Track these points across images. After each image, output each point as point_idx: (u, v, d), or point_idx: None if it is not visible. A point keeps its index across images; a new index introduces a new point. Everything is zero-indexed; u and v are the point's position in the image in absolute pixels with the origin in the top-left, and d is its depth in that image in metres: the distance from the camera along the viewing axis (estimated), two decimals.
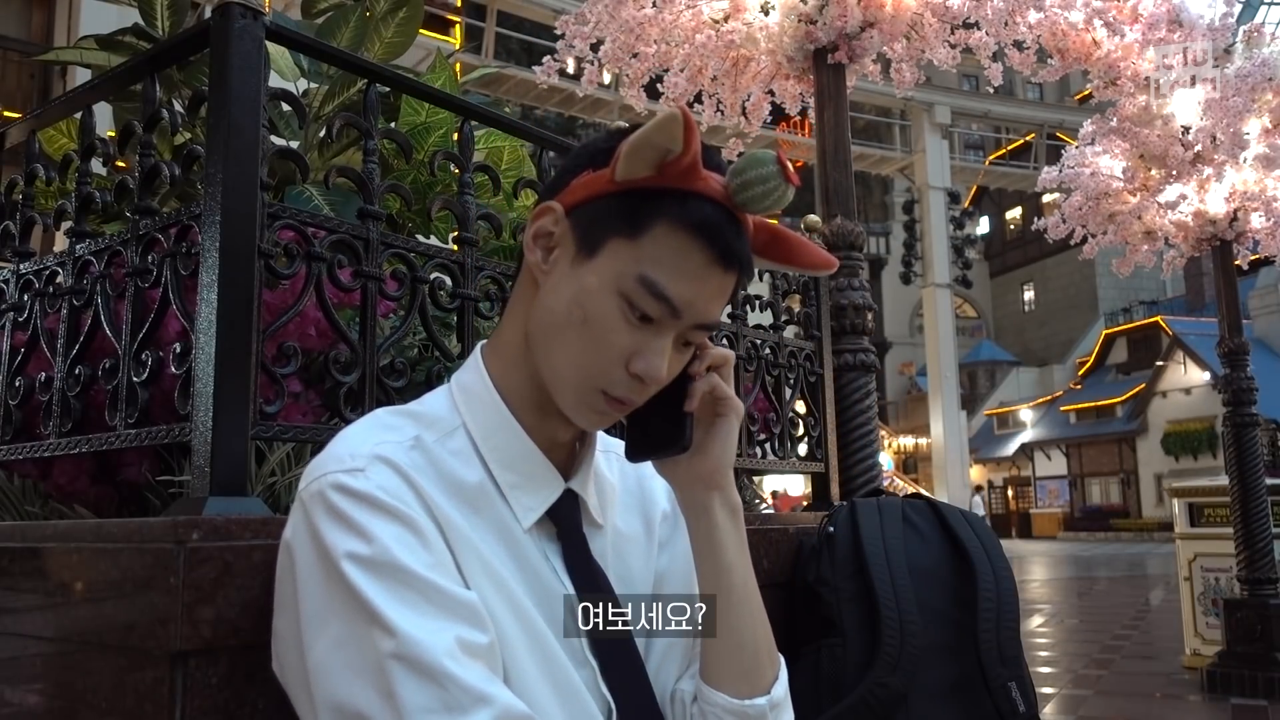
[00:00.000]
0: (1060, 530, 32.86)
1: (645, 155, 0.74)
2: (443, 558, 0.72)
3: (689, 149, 0.73)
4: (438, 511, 0.74)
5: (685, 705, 0.85)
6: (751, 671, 0.84)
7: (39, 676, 1.04)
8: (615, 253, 0.76)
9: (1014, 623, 1.45)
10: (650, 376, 0.77)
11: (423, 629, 0.67)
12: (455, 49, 13.54)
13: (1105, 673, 5.96)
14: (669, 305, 0.76)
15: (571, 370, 0.78)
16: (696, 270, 0.76)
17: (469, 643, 0.69)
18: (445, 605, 0.69)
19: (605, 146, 0.80)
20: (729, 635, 0.84)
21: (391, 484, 0.72)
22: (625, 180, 0.76)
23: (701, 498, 0.86)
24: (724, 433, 0.86)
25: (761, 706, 0.83)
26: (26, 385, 1.31)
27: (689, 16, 3.09)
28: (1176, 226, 5.21)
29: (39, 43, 10.44)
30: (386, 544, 0.69)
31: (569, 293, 0.78)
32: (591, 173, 0.79)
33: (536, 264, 0.81)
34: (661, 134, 0.73)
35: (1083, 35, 3.44)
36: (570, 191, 0.80)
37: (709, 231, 0.76)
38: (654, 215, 0.76)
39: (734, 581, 0.85)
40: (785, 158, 0.77)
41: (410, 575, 0.69)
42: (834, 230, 2.53)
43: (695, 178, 0.75)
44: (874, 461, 2.32)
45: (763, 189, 0.76)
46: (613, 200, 0.77)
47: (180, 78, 1.75)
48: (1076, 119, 15.17)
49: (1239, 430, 5.19)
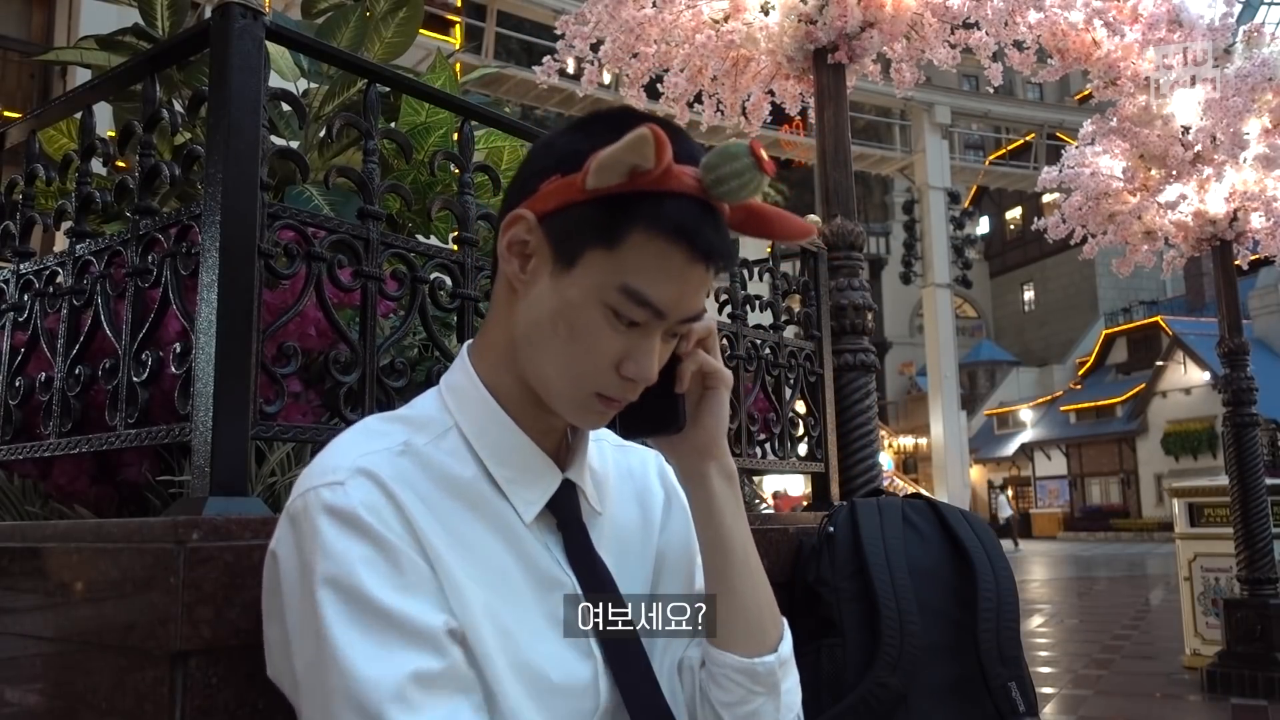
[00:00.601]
0: (1060, 530, 32.84)
1: (617, 169, 0.73)
2: (415, 578, 0.71)
3: (660, 162, 0.72)
4: (420, 523, 0.73)
5: (694, 671, 0.87)
6: (757, 631, 0.86)
7: (39, 676, 1.04)
8: (594, 264, 0.76)
9: (1014, 623, 1.45)
10: (642, 378, 0.78)
11: (373, 665, 0.67)
12: (455, 49, 13.54)
13: (1105, 673, 5.96)
14: (653, 310, 0.76)
15: (563, 379, 0.79)
16: (678, 271, 0.76)
17: (426, 674, 0.68)
18: (405, 633, 0.69)
19: (572, 149, 0.78)
20: (733, 597, 0.86)
21: (371, 499, 0.72)
22: (596, 190, 0.74)
23: (699, 467, 0.88)
24: (716, 404, 0.88)
25: (770, 663, 0.85)
26: (26, 385, 1.31)
27: (689, 16, 3.09)
28: (1176, 226, 5.21)
29: (39, 43, 10.44)
30: (354, 566, 0.69)
31: (551, 306, 0.77)
32: (560, 178, 0.77)
33: (515, 275, 0.80)
34: (632, 153, 0.72)
35: (1083, 35, 3.44)
36: (540, 198, 0.78)
37: (688, 232, 0.75)
38: (630, 222, 0.74)
39: (734, 545, 0.87)
40: (759, 145, 0.76)
41: (372, 602, 0.68)
42: (834, 230, 2.53)
43: (668, 179, 0.74)
44: (874, 461, 2.32)
45: (737, 182, 0.75)
46: (586, 209, 0.75)
47: (180, 78, 1.75)
48: (1076, 119, 15.16)
49: (1239, 430, 5.19)
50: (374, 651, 0.67)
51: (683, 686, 0.87)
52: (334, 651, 0.67)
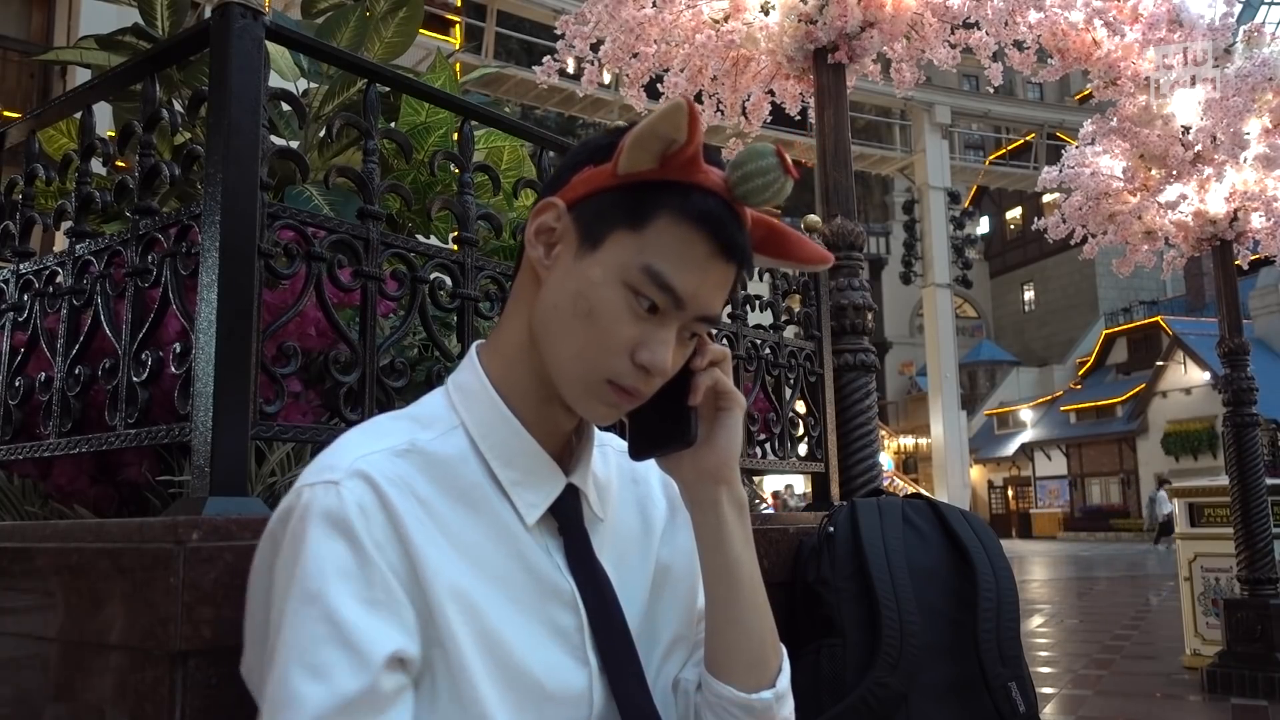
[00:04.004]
0: (1060, 530, 32.84)
1: (650, 145, 0.75)
2: (383, 593, 0.70)
3: (693, 139, 0.74)
4: (412, 530, 0.73)
5: (689, 694, 0.86)
6: (758, 664, 0.85)
7: (39, 676, 1.04)
8: (619, 244, 0.77)
9: (1014, 622, 1.45)
10: (656, 367, 0.77)
11: (312, 680, 0.67)
12: (455, 49, 13.55)
13: (1105, 673, 5.96)
14: (673, 295, 0.77)
15: (578, 362, 0.78)
16: (700, 261, 0.77)
17: (372, 694, 0.67)
18: (355, 651, 0.68)
19: (605, 143, 0.80)
20: (736, 629, 0.85)
21: (363, 502, 0.72)
22: (627, 173, 0.77)
23: (710, 492, 0.86)
24: (729, 427, 0.86)
25: (768, 700, 0.84)
26: (26, 385, 1.31)
27: (689, 16, 3.09)
28: (1176, 226, 5.21)
29: (39, 43, 10.44)
30: (328, 573, 0.69)
31: (574, 286, 0.78)
32: (592, 168, 0.80)
33: (539, 260, 0.81)
34: (667, 123, 0.73)
35: (1083, 35, 3.44)
36: (571, 187, 0.80)
37: (712, 223, 0.77)
38: (657, 207, 0.76)
39: (742, 575, 0.86)
40: (785, 151, 0.78)
41: (333, 613, 0.68)
42: (834, 230, 2.53)
43: (696, 170, 0.76)
44: (874, 461, 2.32)
45: (762, 181, 0.76)
46: (615, 194, 0.78)
47: (180, 78, 1.75)
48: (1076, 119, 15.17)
49: (1239, 430, 5.18)
50: (315, 666, 0.67)
51: (676, 705, 0.87)
52: (282, 659, 0.68)
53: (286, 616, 0.69)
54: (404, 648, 0.70)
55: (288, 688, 0.67)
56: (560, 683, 0.77)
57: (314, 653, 0.67)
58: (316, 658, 0.67)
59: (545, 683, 0.76)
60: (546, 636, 0.78)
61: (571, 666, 0.79)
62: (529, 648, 0.76)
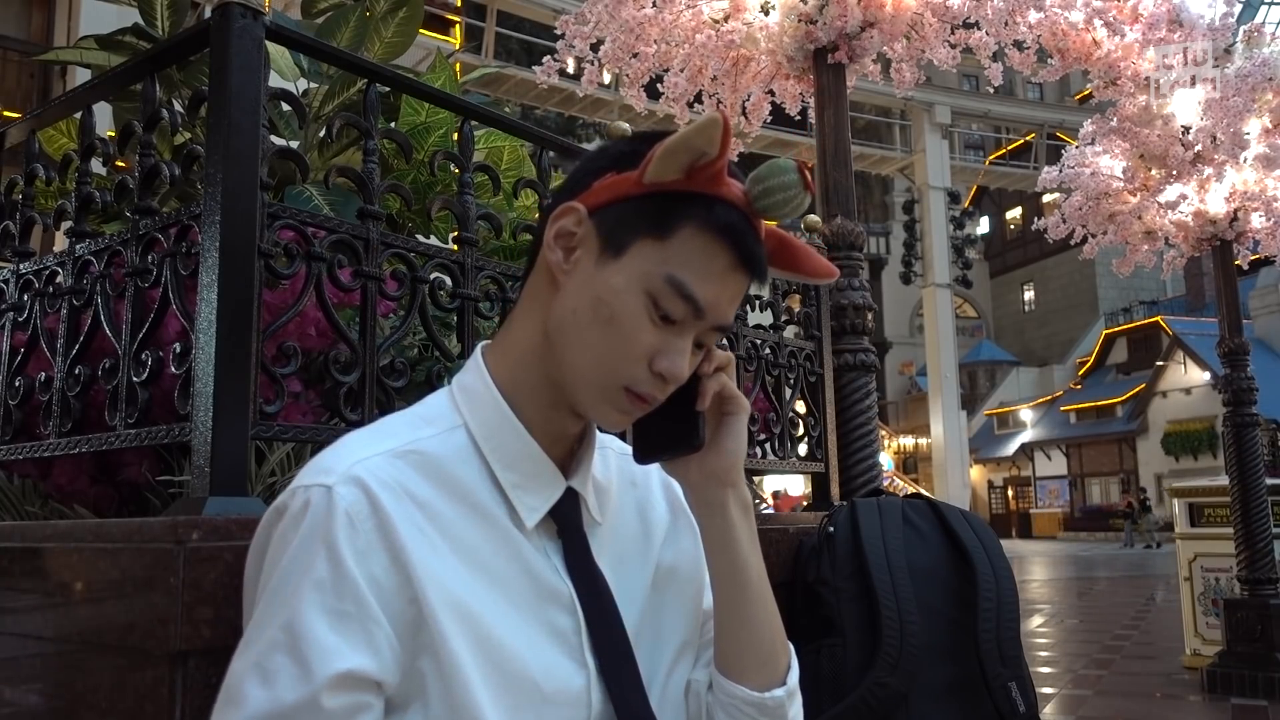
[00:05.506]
0: (1060, 530, 32.86)
1: (680, 158, 0.76)
2: (353, 606, 0.69)
3: (722, 153, 0.75)
4: (404, 536, 0.72)
5: (700, 695, 0.87)
6: (769, 662, 0.86)
7: (39, 676, 1.04)
8: (642, 253, 0.78)
9: (1014, 622, 1.45)
10: (673, 375, 0.78)
11: (258, 683, 0.67)
12: (455, 49, 13.54)
13: (1105, 673, 5.96)
14: (694, 306, 0.77)
15: (596, 368, 0.79)
16: (721, 273, 0.78)
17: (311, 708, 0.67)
18: (303, 662, 0.67)
19: (629, 150, 0.81)
20: (746, 629, 0.86)
21: (355, 507, 0.71)
22: (653, 183, 0.77)
23: (716, 495, 0.87)
24: (735, 430, 0.88)
25: (780, 697, 0.85)
26: (26, 385, 1.31)
27: (689, 16, 3.09)
28: (1176, 226, 5.21)
29: (39, 43, 10.44)
30: (300, 578, 0.69)
31: (594, 292, 0.78)
32: (615, 175, 0.80)
33: (558, 264, 0.81)
34: (701, 136, 0.74)
35: (1083, 35, 3.44)
36: (593, 193, 0.81)
37: (734, 236, 0.78)
38: (682, 218, 0.77)
39: (750, 577, 0.87)
40: (805, 166, 0.79)
41: (293, 620, 0.68)
42: (834, 230, 2.53)
43: (721, 182, 0.77)
44: (874, 461, 2.32)
45: (783, 196, 0.78)
46: (640, 202, 0.78)
47: (180, 78, 1.75)
48: (1076, 119, 15.17)
49: (1239, 430, 5.18)
50: (264, 671, 0.67)
51: (688, 706, 0.87)
52: (244, 650, 0.70)
53: (257, 614, 0.71)
54: (361, 667, 0.68)
55: (237, 684, 0.68)
56: (558, 684, 0.77)
57: (268, 656, 0.68)
58: (268, 661, 0.68)
59: (542, 685, 0.76)
60: (544, 638, 0.78)
61: (570, 668, 0.79)
62: (526, 650, 0.76)
